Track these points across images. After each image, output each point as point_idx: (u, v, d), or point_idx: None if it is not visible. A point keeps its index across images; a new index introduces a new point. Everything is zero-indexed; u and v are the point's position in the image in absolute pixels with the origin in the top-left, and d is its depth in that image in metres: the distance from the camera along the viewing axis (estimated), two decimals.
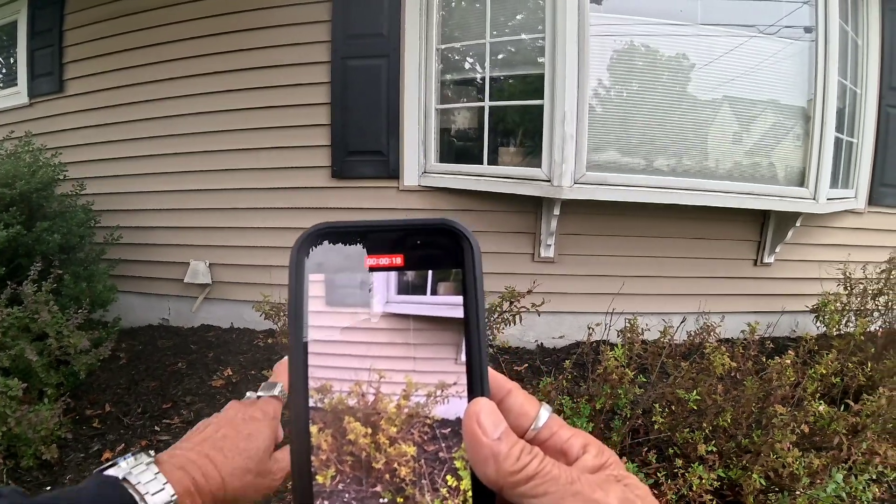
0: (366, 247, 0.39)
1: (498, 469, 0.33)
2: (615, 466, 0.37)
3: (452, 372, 0.39)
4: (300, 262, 0.38)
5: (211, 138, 4.86)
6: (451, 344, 0.39)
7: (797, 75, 4.50)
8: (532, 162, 4.24)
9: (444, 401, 0.38)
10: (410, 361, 0.39)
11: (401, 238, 0.39)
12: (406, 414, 0.39)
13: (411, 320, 0.40)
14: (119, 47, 5.09)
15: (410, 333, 0.40)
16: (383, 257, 0.39)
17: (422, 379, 0.39)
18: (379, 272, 0.39)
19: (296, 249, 0.39)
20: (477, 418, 0.34)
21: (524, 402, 0.39)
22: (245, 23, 4.66)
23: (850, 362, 3.40)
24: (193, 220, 5.06)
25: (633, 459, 2.69)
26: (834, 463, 2.50)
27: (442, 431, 0.38)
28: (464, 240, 0.39)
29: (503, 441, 0.34)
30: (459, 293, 0.39)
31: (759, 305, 4.83)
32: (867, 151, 5.06)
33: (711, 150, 4.45)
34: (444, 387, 0.39)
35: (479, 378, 0.37)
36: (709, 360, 2.82)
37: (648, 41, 4.30)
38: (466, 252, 0.39)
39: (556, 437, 0.38)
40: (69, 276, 4.13)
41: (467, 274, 0.39)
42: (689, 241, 4.68)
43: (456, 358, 0.39)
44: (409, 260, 0.39)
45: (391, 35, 4.41)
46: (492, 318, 3.35)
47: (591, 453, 0.37)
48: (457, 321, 0.39)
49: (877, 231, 5.21)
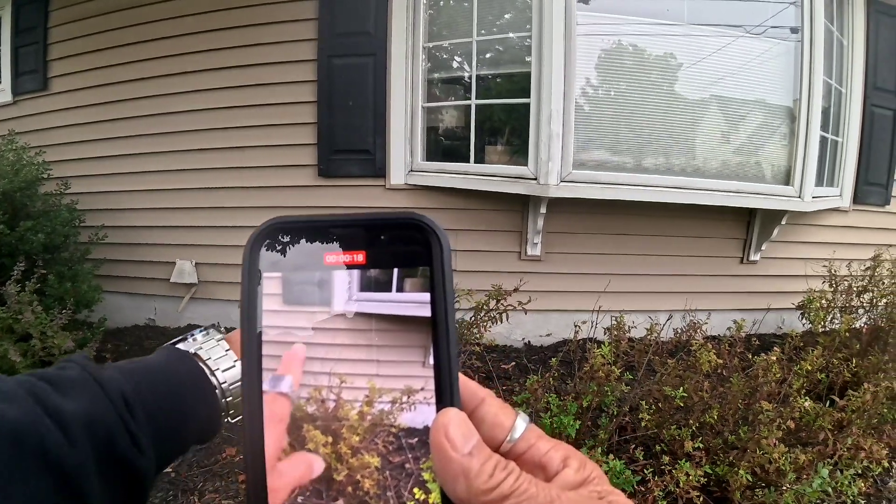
0: (325, 243, 0.36)
1: (469, 487, 0.30)
2: (599, 481, 0.34)
3: (419, 376, 0.35)
4: (253, 259, 0.36)
5: (197, 136, 4.82)
6: (418, 346, 0.36)
7: (783, 75, 4.52)
8: (519, 160, 4.24)
9: (411, 408, 0.35)
10: (374, 365, 0.36)
11: (363, 234, 0.36)
12: (369, 422, 0.36)
13: (374, 320, 0.37)
14: (104, 45, 5.04)
15: (374, 334, 0.37)
16: (344, 254, 0.36)
17: (386, 384, 0.36)
18: (340, 272, 0.36)
19: (249, 246, 0.36)
20: (445, 431, 0.32)
21: (498, 411, 0.36)
22: (231, 20, 4.63)
23: (836, 359, 3.42)
24: (179, 219, 5.02)
25: (620, 456, 2.69)
26: (820, 458, 2.52)
27: (408, 441, 0.35)
28: (432, 235, 0.36)
29: (475, 456, 0.31)
30: (427, 290, 0.36)
31: (746, 303, 4.85)
32: (852, 150, 5.10)
33: (698, 149, 4.47)
34: (410, 392, 0.35)
35: (449, 384, 0.34)
36: (695, 358, 2.83)
37: (636, 40, 4.32)
38: (435, 248, 0.35)
39: (534, 450, 0.35)
40: (53, 275, 4.08)
41: (436, 272, 0.35)
42: (675, 239, 4.70)
43: (423, 361, 0.36)
44: (372, 257, 0.36)
45: (378, 33, 4.39)
46: (479, 317, 3.34)
47: (572, 467, 0.34)
48: (424, 321, 0.35)
49: (861, 229, 5.26)
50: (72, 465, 0.42)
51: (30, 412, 0.42)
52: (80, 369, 0.49)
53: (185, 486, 2.88)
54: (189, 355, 0.56)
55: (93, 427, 0.45)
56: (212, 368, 0.55)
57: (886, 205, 5.33)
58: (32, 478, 0.40)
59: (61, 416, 0.43)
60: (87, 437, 0.44)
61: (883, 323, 3.94)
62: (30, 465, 0.40)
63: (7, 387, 0.43)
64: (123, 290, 5.24)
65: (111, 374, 0.51)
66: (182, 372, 0.55)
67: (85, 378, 0.48)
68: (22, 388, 0.44)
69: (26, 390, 0.44)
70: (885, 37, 5.05)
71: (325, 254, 0.36)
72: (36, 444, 0.40)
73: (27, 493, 0.39)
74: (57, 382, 0.46)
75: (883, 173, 5.24)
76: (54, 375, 0.48)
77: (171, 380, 0.55)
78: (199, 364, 0.55)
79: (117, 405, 0.48)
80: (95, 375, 0.49)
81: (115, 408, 0.48)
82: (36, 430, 0.41)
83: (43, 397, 0.43)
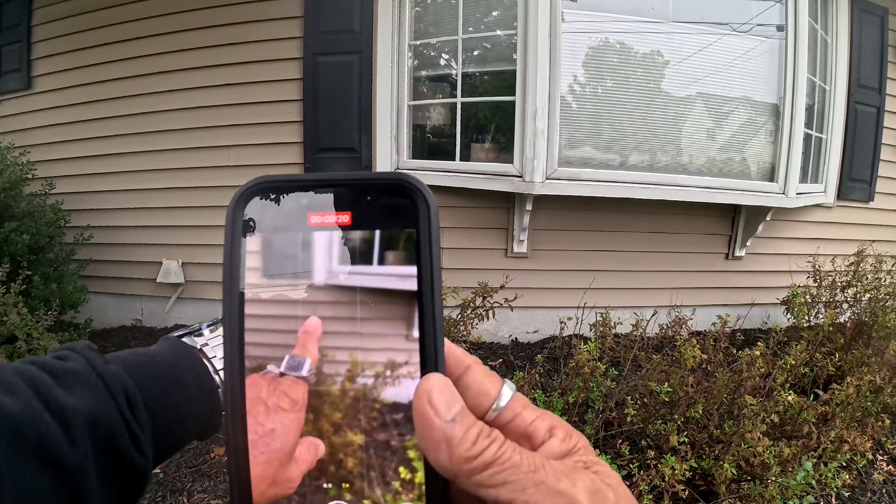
0: (310, 202, 0.35)
1: (451, 455, 0.29)
2: (584, 452, 0.33)
3: (403, 349, 0.34)
4: (237, 218, 0.35)
5: (183, 135, 4.79)
6: (402, 318, 0.34)
7: (768, 73, 4.55)
8: (504, 158, 4.24)
9: (395, 382, 0.34)
10: (356, 338, 0.34)
11: (349, 193, 0.35)
12: (351, 398, 0.34)
13: (357, 292, 0.35)
14: (89, 43, 4.99)
15: (355, 307, 0.35)
16: (328, 215, 0.34)
17: (368, 357, 0.34)
18: (323, 233, 0.35)
19: (233, 205, 0.35)
20: (428, 397, 0.31)
21: (484, 379, 0.34)
22: (216, 18, 4.60)
23: (819, 353, 3.44)
24: (166, 218, 4.98)
25: (606, 451, 2.70)
26: (804, 451, 2.53)
27: (393, 417, 0.34)
28: (419, 197, 0.34)
29: (458, 423, 0.30)
30: (412, 261, 0.34)
31: (731, 298, 4.88)
32: (836, 147, 5.14)
33: (684, 146, 4.49)
34: (393, 366, 0.34)
35: (434, 353, 0.33)
36: (680, 353, 2.84)
37: (622, 38, 4.33)
38: (422, 211, 0.34)
39: (520, 419, 0.33)
40: (39, 277, 4.05)
41: (422, 235, 0.34)
42: (661, 235, 4.71)
43: (407, 334, 0.34)
44: (357, 218, 0.35)
45: (363, 31, 4.37)
46: (465, 314, 3.34)
47: (558, 437, 0.33)
48: (408, 294, 0.34)
49: (845, 225, 5.30)
50: (71, 463, 0.41)
51: (30, 406, 0.41)
52: (84, 361, 0.49)
53: (173, 486, 2.86)
54: (194, 351, 0.55)
55: (94, 425, 0.45)
56: (216, 367, 0.55)
57: (870, 201, 5.38)
58: (29, 473, 0.39)
59: (63, 413, 0.43)
60: (88, 435, 0.44)
61: (866, 318, 3.97)
62: (28, 460, 0.39)
63: (7, 377, 0.43)
64: (110, 290, 5.19)
65: (114, 368, 0.50)
66: (185, 368, 0.55)
67: (88, 372, 0.48)
68: (23, 379, 0.43)
69: (27, 382, 0.43)
70: (868, 35, 5.09)
71: (309, 214, 0.35)
72: (35, 440, 0.40)
73: (24, 489, 0.39)
74: (60, 375, 0.46)
75: (866, 170, 5.28)
76: (57, 367, 0.47)
77: (174, 376, 0.54)
78: (202, 361, 0.55)
79: (119, 403, 0.48)
80: (98, 369, 0.49)
81: (118, 406, 0.48)
82: (36, 426, 0.40)
83: (44, 391, 0.43)
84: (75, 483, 0.42)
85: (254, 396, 0.47)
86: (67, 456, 0.41)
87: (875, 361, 3.37)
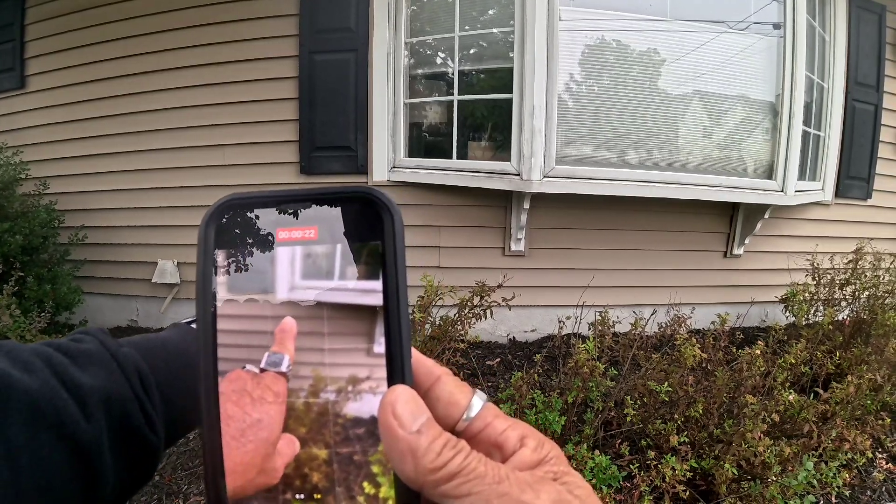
0: (277, 219, 0.35)
1: (416, 466, 0.29)
2: (556, 461, 0.33)
3: (368, 364, 0.34)
4: (208, 237, 0.35)
5: (177, 134, 4.76)
6: (368, 333, 0.35)
7: (766, 70, 4.54)
8: (502, 156, 4.22)
9: (358, 397, 0.34)
10: (319, 353, 0.35)
11: (315, 209, 0.35)
12: (315, 412, 0.35)
13: (323, 307, 0.35)
14: (82, 42, 4.96)
15: (322, 321, 0.35)
16: (295, 230, 0.35)
17: (332, 373, 0.35)
18: (290, 248, 0.35)
19: (203, 224, 0.35)
20: (392, 409, 0.31)
21: (454, 389, 0.35)
22: (213, 17, 4.57)
23: (819, 351, 3.44)
24: (160, 218, 4.95)
25: (606, 452, 2.68)
26: (804, 450, 2.52)
27: (356, 432, 0.34)
28: (384, 210, 0.35)
29: (423, 434, 0.30)
30: (377, 276, 0.34)
31: (730, 297, 4.88)
32: (834, 145, 5.13)
33: (682, 144, 4.47)
34: (357, 381, 0.34)
35: (401, 366, 0.33)
36: (679, 352, 2.82)
37: (619, 36, 4.31)
38: (387, 224, 0.34)
39: (491, 429, 0.34)
40: (32, 278, 4.03)
41: (387, 248, 0.34)
42: (659, 233, 4.70)
43: (369, 348, 0.34)
44: (323, 232, 0.35)
45: (359, 29, 4.35)
46: (463, 313, 3.32)
47: (529, 447, 0.33)
48: (372, 309, 0.34)
49: (843, 222, 5.30)
50: (86, 440, 0.43)
51: (47, 384, 0.43)
52: (98, 343, 0.51)
53: (169, 489, 2.84)
54: None
55: (109, 403, 0.47)
56: None
57: (868, 198, 5.38)
58: (46, 448, 0.40)
59: (79, 391, 0.44)
60: (103, 412, 0.46)
61: (865, 315, 3.97)
62: (45, 436, 0.41)
63: (25, 356, 0.44)
64: (105, 291, 5.17)
65: (127, 350, 0.53)
66: (194, 353, 0.55)
67: (102, 353, 0.50)
68: (40, 359, 0.45)
69: (44, 361, 0.45)
70: (865, 32, 5.09)
71: (277, 229, 0.35)
72: (52, 417, 0.41)
73: (40, 463, 0.40)
74: (75, 355, 0.48)
75: (864, 167, 5.28)
76: (73, 348, 0.49)
77: (185, 360, 0.57)
78: None
79: (133, 383, 0.50)
80: (112, 351, 0.51)
81: (132, 385, 0.50)
82: (53, 403, 0.42)
83: (61, 370, 0.45)
84: (90, 458, 0.44)
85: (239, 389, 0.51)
86: (83, 432, 0.43)
87: (874, 359, 3.36)
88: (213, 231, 0.35)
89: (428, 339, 3.20)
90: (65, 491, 0.42)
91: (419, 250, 4.45)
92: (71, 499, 0.43)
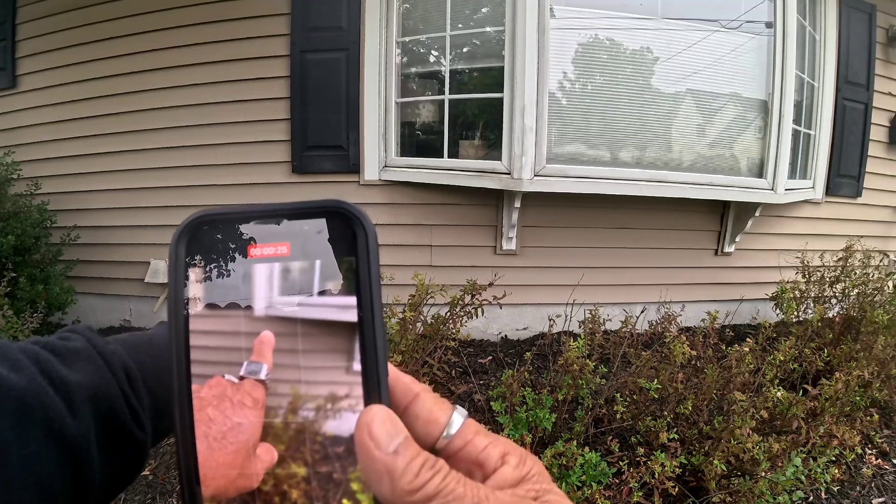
0: (250, 235, 0.35)
1: (394, 487, 0.29)
2: (538, 479, 0.33)
3: (344, 382, 0.34)
4: (179, 254, 0.35)
5: (169, 134, 4.74)
6: (343, 350, 0.34)
7: (757, 69, 4.56)
8: (493, 155, 4.23)
9: (335, 415, 0.34)
10: (296, 370, 0.35)
11: (287, 223, 0.35)
12: (294, 430, 0.34)
13: (297, 323, 0.35)
14: (74, 41, 4.93)
15: (296, 338, 0.35)
16: (268, 246, 0.35)
17: (310, 390, 0.34)
18: (263, 265, 0.35)
19: (174, 241, 0.35)
20: (368, 429, 0.30)
21: (434, 406, 0.34)
22: (204, 16, 4.56)
23: (808, 348, 3.45)
24: (153, 218, 4.93)
25: (596, 449, 2.69)
26: (793, 447, 2.53)
27: (335, 450, 0.33)
28: (357, 224, 0.34)
29: (400, 454, 0.29)
30: (352, 292, 0.34)
31: (720, 294, 4.90)
32: (824, 143, 5.16)
33: (673, 143, 4.48)
34: (334, 399, 0.34)
35: (377, 383, 0.33)
36: (669, 349, 2.83)
37: (611, 34, 4.32)
38: (360, 238, 0.34)
39: (472, 446, 0.33)
40: (24, 278, 4.01)
41: (361, 263, 0.34)
42: (650, 231, 4.71)
43: (348, 366, 0.34)
44: (296, 248, 0.35)
45: (351, 28, 4.34)
46: (454, 312, 3.32)
47: (510, 464, 0.33)
48: (349, 325, 0.34)
49: (833, 220, 5.33)
50: (73, 435, 0.44)
51: (35, 381, 0.43)
52: (85, 341, 0.51)
53: (162, 488, 2.84)
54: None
55: (96, 399, 0.47)
56: None
57: (858, 197, 5.40)
58: (34, 444, 0.41)
59: (66, 387, 0.45)
60: (90, 409, 0.46)
61: (855, 312, 3.99)
62: (33, 432, 0.41)
63: (13, 354, 0.44)
64: (97, 291, 5.15)
65: (114, 347, 0.53)
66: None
67: (89, 350, 0.51)
68: (27, 357, 0.45)
69: (32, 359, 0.45)
70: (856, 31, 5.11)
71: (249, 246, 0.35)
72: (40, 413, 0.42)
73: (29, 459, 0.40)
74: (62, 353, 0.48)
75: (854, 165, 5.30)
76: (60, 345, 0.49)
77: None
78: None
79: (119, 379, 0.51)
80: (99, 348, 0.51)
81: (118, 382, 0.50)
82: (40, 400, 0.42)
83: (48, 367, 0.45)
84: (78, 453, 0.44)
85: (220, 394, 0.50)
86: (70, 428, 0.43)
87: (863, 356, 3.38)
88: (183, 248, 0.35)
89: (420, 337, 3.20)
90: (53, 487, 0.42)
91: (411, 249, 4.45)
92: (60, 494, 0.43)
